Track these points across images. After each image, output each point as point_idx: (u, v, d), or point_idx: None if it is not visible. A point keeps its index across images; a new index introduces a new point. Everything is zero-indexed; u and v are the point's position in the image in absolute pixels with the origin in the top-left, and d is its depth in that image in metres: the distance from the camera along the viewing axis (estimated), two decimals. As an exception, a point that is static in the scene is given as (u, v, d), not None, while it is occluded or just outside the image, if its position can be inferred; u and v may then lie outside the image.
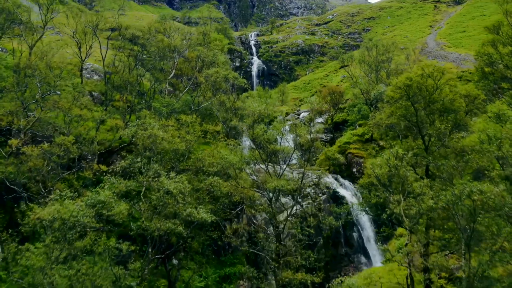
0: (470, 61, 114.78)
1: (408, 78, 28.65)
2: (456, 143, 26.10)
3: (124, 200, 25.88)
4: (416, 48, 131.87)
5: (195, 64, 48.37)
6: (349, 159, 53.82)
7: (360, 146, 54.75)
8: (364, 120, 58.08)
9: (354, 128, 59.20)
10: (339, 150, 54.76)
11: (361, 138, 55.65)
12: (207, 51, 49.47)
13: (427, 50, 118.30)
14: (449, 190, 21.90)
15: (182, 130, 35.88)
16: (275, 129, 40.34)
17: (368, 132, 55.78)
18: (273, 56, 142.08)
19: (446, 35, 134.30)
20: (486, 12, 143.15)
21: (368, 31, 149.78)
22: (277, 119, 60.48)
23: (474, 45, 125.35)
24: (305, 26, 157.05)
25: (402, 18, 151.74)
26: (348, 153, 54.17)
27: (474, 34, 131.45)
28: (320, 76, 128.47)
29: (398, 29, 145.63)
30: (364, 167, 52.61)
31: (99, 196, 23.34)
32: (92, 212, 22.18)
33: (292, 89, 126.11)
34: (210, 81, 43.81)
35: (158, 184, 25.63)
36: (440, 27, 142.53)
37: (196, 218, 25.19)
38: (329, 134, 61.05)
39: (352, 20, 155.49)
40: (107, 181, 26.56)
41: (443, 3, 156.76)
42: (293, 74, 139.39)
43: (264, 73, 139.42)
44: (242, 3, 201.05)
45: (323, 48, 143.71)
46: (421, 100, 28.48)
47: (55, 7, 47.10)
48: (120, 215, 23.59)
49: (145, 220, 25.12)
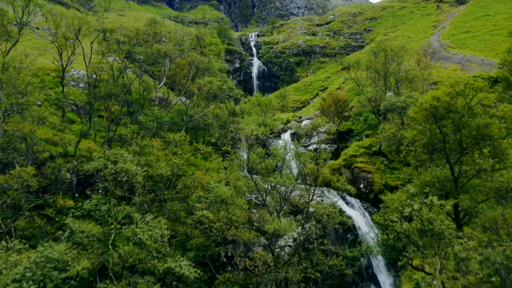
0: (476, 62, 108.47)
1: (435, 97, 23.02)
2: (499, 180, 20.38)
3: (89, 251, 20.35)
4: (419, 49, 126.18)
5: (188, 71, 42.70)
6: (356, 174, 48.15)
7: (367, 159, 49.07)
8: (371, 130, 52.42)
9: (360, 139, 53.52)
10: (344, 163, 49.13)
11: (368, 150, 49.97)
12: (201, 57, 43.81)
13: (430, 51, 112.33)
14: (496, 247, 16.48)
15: (169, 151, 30.28)
16: (275, 151, 34.69)
17: (376, 143, 50.13)
18: (274, 57, 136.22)
19: (450, 36, 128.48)
20: (490, 12, 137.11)
21: (370, 31, 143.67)
22: (278, 143, 55.23)
23: (479, 45, 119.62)
24: (306, 27, 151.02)
25: (405, 18, 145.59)
26: (355, 167, 48.48)
27: (479, 34, 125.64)
28: (321, 77, 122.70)
29: (401, 29, 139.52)
30: (372, 183, 47.07)
31: (51, 252, 17.81)
32: (39, 276, 16.66)
33: (292, 91, 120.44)
34: (203, 92, 38.26)
35: (129, 231, 20.18)
36: (443, 28, 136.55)
37: (177, 273, 19.74)
38: (333, 145, 55.39)
39: (354, 20, 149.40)
40: (69, 226, 20.99)
41: (446, 3, 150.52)
42: (294, 75, 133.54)
43: (265, 74, 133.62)
44: (243, 3, 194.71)
45: (324, 49, 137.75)
46: (450, 123, 22.95)
47: (32, 10, 41.32)
48: (81, 274, 18.09)
49: (114, 277, 19.59)
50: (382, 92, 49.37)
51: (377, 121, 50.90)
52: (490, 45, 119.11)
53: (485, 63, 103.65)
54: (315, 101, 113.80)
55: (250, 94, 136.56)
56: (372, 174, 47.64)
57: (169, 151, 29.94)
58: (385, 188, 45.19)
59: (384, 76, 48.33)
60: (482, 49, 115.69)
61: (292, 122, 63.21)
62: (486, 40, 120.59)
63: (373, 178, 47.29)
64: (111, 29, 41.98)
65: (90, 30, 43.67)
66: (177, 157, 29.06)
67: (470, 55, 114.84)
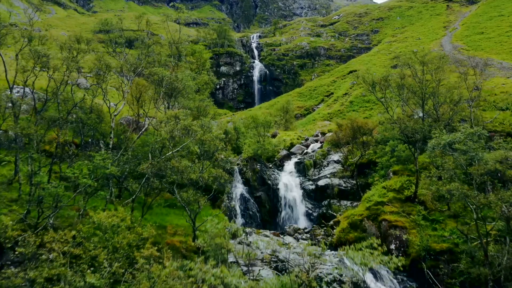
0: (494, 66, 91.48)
1: None
2: None
3: None
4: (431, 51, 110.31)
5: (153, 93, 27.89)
6: (384, 230, 33.00)
7: (398, 208, 33.89)
8: (400, 164, 37.41)
9: (385, 176, 38.40)
10: (368, 214, 34.05)
11: (399, 195, 34.78)
12: (173, 75, 28.86)
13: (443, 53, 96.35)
14: None
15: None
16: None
17: (409, 185, 35.14)
18: (276, 59, 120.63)
19: (463, 37, 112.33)
20: (504, 12, 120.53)
21: (376, 32, 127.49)
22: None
23: (496, 48, 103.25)
24: (309, 27, 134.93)
25: (413, 19, 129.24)
26: (382, 220, 33.30)
27: (494, 36, 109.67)
28: (327, 82, 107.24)
29: (409, 30, 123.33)
30: (407, 244, 32.05)
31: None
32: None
33: (296, 97, 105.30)
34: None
35: None
36: (455, 28, 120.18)
37: None
38: (350, 180, 40.28)
39: (360, 21, 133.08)
40: None
41: (456, 3, 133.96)
42: (297, 79, 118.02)
43: (267, 77, 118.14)
44: (245, 4, 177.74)
45: (329, 50, 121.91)
46: None
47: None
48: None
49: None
50: (418, 119, 34.24)
51: (410, 153, 35.80)
52: (508, 47, 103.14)
53: (504, 67, 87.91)
54: (320, 107, 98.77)
55: (251, 99, 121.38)
56: (407, 231, 32.43)
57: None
58: (426, 253, 30.49)
59: (422, 97, 33.11)
60: (499, 51, 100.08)
61: (297, 145, 48.14)
62: (503, 42, 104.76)
63: (408, 237, 32.21)
64: (40, 36, 27.33)
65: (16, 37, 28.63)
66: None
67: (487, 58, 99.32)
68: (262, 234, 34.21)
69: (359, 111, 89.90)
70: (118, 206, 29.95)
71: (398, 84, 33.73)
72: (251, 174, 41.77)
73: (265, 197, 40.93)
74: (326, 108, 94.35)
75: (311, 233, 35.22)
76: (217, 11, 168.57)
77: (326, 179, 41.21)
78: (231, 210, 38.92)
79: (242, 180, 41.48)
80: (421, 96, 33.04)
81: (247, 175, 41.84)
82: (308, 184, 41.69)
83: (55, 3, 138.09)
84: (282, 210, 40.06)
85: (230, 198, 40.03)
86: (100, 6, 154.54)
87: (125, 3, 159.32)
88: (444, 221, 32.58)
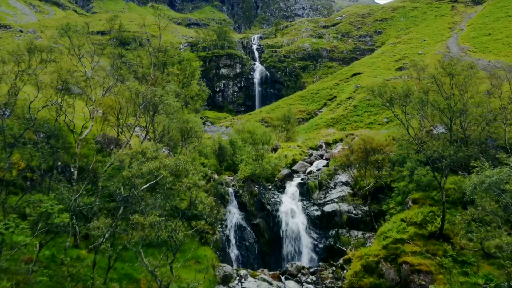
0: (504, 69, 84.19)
1: None
2: None
3: None
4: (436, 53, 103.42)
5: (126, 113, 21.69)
6: (405, 274, 26.60)
7: (421, 246, 27.51)
8: (421, 192, 31.02)
9: (402, 203, 32.01)
10: (385, 254, 27.71)
11: (422, 230, 28.37)
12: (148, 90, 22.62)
13: (449, 56, 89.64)
14: None
15: None
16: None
17: (432, 218, 28.79)
18: (277, 61, 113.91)
19: (470, 39, 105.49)
20: (511, 13, 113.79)
21: (380, 33, 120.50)
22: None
23: (504, 49, 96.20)
24: (311, 28, 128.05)
25: (417, 20, 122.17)
26: (402, 262, 26.92)
27: (502, 37, 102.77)
28: (329, 85, 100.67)
29: (414, 31, 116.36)
30: (433, 293, 25.70)
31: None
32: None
33: (298, 100, 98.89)
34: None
35: None
36: (461, 29, 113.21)
37: None
38: (362, 207, 33.88)
39: (363, 21, 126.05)
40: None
41: (461, 3, 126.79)
42: (299, 81, 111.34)
43: (267, 80, 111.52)
44: (246, 4, 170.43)
45: (332, 52, 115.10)
46: None
47: None
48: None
49: None
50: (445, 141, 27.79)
51: (432, 177, 29.32)
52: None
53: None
54: (323, 112, 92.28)
55: (252, 102, 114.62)
56: (433, 277, 26.13)
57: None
58: (457, 307, 24.28)
59: (449, 116, 26.69)
60: (508, 53, 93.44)
61: (300, 162, 41.75)
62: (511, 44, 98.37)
63: (434, 283, 25.91)
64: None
65: None
66: None
67: (496, 61, 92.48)
68: (259, 278, 27.93)
69: (364, 116, 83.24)
70: (82, 251, 23.76)
71: (421, 100, 27.23)
72: (248, 197, 35.47)
73: (264, 225, 34.64)
74: (329, 113, 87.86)
75: (318, 275, 28.88)
76: (218, 12, 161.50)
77: (334, 204, 34.84)
78: (224, 241, 32.71)
79: (238, 205, 35.20)
80: (449, 115, 26.58)
81: (243, 198, 35.54)
82: (313, 209, 35.33)
83: (54, 3, 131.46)
84: (284, 242, 33.76)
85: (224, 226, 33.77)
86: (100, 7, 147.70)
87: (125, 4, 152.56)
88: (477, 264, 26.25)
